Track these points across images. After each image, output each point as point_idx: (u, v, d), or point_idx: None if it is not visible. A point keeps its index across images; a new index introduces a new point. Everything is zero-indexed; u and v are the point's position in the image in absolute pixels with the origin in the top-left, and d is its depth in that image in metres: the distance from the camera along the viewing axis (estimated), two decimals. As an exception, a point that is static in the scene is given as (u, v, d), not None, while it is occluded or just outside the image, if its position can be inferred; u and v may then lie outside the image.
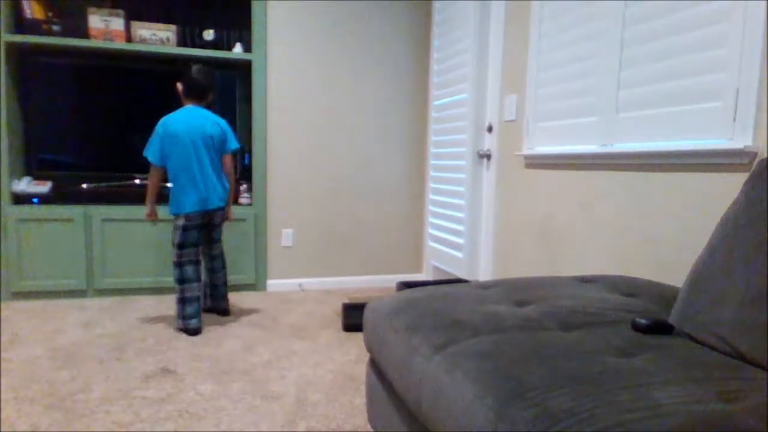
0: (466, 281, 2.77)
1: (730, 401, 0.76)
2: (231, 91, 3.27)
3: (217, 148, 2.57)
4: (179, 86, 2.58)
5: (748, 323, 0.95)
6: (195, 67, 2.56)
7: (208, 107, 2.61)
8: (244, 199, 3.32)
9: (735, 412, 0.72)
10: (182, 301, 2.48)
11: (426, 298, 1.29)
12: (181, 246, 2.49)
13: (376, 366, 1.43)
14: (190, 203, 2.48)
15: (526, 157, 2.43)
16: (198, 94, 2.56)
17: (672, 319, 1.11)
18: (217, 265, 2.71)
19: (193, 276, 2.51)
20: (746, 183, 1.11)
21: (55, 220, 2.96)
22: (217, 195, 2.56)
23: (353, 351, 2.32)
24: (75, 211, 2.98)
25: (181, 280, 2.49)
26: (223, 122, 2.60)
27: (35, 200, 3.01)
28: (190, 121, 2.48)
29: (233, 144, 2.65)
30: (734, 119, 1.43)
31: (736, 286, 0.99)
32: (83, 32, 3.04)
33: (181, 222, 2.49)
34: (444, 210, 3.17)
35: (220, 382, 1.95)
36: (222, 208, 2.62)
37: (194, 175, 2.48)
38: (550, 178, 2.27)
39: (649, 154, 1.71)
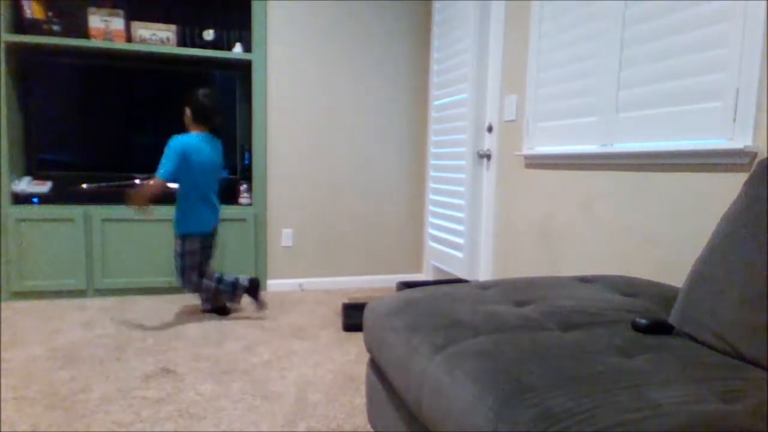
0: (466, 281, 2.77)
1: (730, 401, 0.76)
2: (231, 91, 3.27)
3: (219, 171, 2.75)
4: (187, 112, 2.62)
5: (748, 323, 0.95)
6: (201, 92, 2.61)
7: (214, 129, 2.72)
8: (244, 199, 3.32)
9: (735, 412, 0.72)
10: (219, 281, 2.67)
11: (426, 298, 1.29)
12: (198, 266, 2.64)
13: (376, 366, 1.43)
14: (207, 223, 2.66)
15: (526, 157, 2.43)
16: (208, 120, 2.65)
17: (672, 319, 1.11)
18: (207, 267, 2.78)
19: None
20: (746, 183, 1.11)
21: (55, 220, 2.96)
22: (219, 213, 2.78)
23: (353, 351, 2.32)
24: (75, 211, 2.98)
25: (200, 279, 2.65)
26: (221, 147, 2.76)
27: (35, 200, 3.01)
28: (206, 148, 2.62)
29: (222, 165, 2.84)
30: (734, 119, 1.43)
31: (736, 286, 0.99)
32: (83, 32, 3.04)
33: (197, 245, 2.63)
34: (444, 210, 3.17)
35: (220, 382, 1.95)
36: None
37: (209, 198, 2.67)
38: (550, 178, 2.27)
39: (649, 154, 1.71)
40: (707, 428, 0.68)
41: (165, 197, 2.73)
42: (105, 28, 3.03)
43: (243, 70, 3.29)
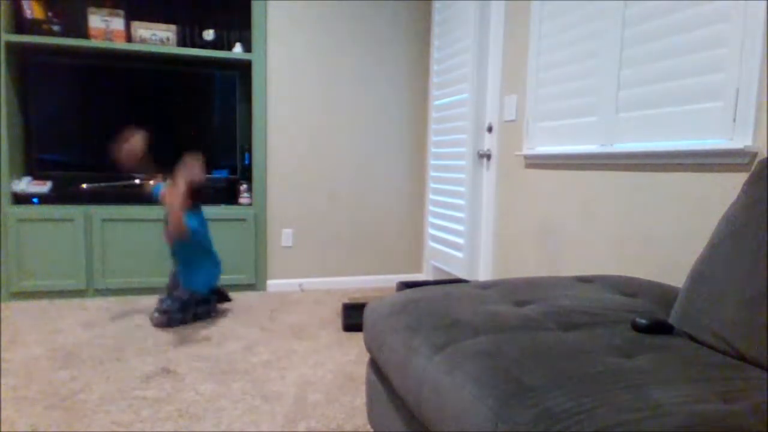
0: (466, 281, 2.77)
1: (730, 401, 0.76)
2: (231, 91, 3.27)
3: None
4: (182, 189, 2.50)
5: (748, 323, 0.95)
6: (196, 171, 2.54)
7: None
8: (244, 199, 3.32)
9: (735, 412, 0.72)
10: (196, 306, 2.69)
11: (426, 298, 1.29)
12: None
13: (376, 366, 1.43)
14: (217, 276, 2.78)
15: (526, 157, 2.43)
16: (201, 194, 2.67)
17: (672, 319, 1.11)
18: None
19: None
20: (746, 183, 1.11)
21: (55, 220, 2.96)
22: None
23: (353, 351, 2.32)
24: (75, 211, 2.98)
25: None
26: None
27: (35, 200, 3.01)
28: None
29: None
30: (734, 119, 1.43)
31: (736, 286, 0.99)
32: (83, 32, 3.04)
33: (201, 295, 2.68)
34: (444, 210, 3.17)
35: (220, 382, 1.95)
36: None
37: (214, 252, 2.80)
38: (550, 178, 2.27)
39: (649, 154, 1.71)
40: (707, 428, 0.68)
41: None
42: (105, 28, 3.03)
43: (243, 70, 3.29)
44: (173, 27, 3.15)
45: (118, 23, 3.04)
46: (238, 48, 3.22)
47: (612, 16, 1.88)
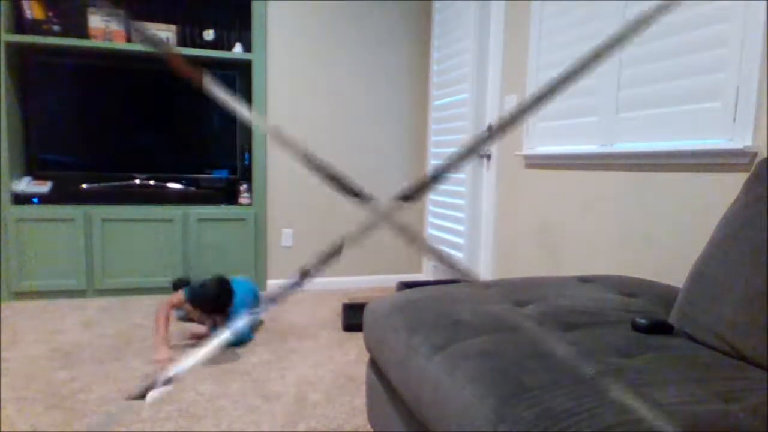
0: (466, 281, 2.77)
1: (730, 401, 0.76)
2: (231, 91, 3.27)
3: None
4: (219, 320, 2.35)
5: (748, 323, 0.95)
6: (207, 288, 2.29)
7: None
8: (244, 199, 3.32)
9: (735, 412, 0.72)
10: None
11: (426, 298, 1.29)
12: None
13: (376, 366, 1.43)
14: None
15: (526, 157, 2.43)
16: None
17: (672, 319, 1.11)
18: None
19: None
20: (746, 183, 1.11)
21: (55, 220, 2.96)
22: None
23: (353, 351, 2.32)
24: (75, 211, 2.98)
25: None
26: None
27: (35, 200, 3.01)
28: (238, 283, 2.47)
29: None
30: (734, 119, 1.43)
31: (736, 286, 0.99)
32: (83, 32, 3.04)
33: None
34: (444, 210, 3.18)
35: (220, 382, 1.95)
36: None
37: None
38: (550, 178, 2.27)
39: (649, 154, 1.71)
40: (707, 428, 0.68)
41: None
42: (105, 28, 3.03)
43: (243, 70, 3.29)
44: (173, 27, 3.15)
45: (118, 23, 3.04)
46: (238, 48, 3.22)
47: (612, 16, 1.88)
